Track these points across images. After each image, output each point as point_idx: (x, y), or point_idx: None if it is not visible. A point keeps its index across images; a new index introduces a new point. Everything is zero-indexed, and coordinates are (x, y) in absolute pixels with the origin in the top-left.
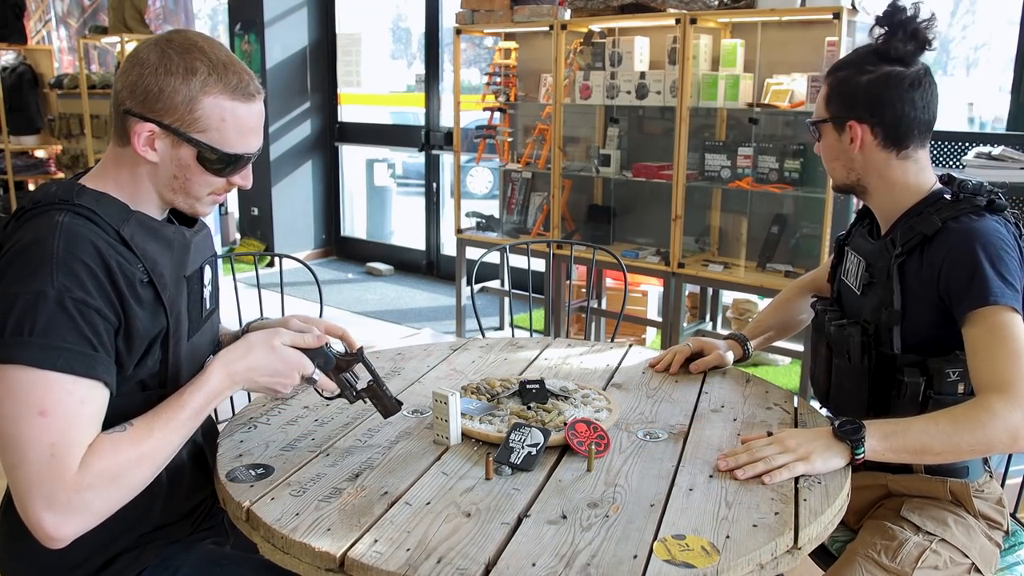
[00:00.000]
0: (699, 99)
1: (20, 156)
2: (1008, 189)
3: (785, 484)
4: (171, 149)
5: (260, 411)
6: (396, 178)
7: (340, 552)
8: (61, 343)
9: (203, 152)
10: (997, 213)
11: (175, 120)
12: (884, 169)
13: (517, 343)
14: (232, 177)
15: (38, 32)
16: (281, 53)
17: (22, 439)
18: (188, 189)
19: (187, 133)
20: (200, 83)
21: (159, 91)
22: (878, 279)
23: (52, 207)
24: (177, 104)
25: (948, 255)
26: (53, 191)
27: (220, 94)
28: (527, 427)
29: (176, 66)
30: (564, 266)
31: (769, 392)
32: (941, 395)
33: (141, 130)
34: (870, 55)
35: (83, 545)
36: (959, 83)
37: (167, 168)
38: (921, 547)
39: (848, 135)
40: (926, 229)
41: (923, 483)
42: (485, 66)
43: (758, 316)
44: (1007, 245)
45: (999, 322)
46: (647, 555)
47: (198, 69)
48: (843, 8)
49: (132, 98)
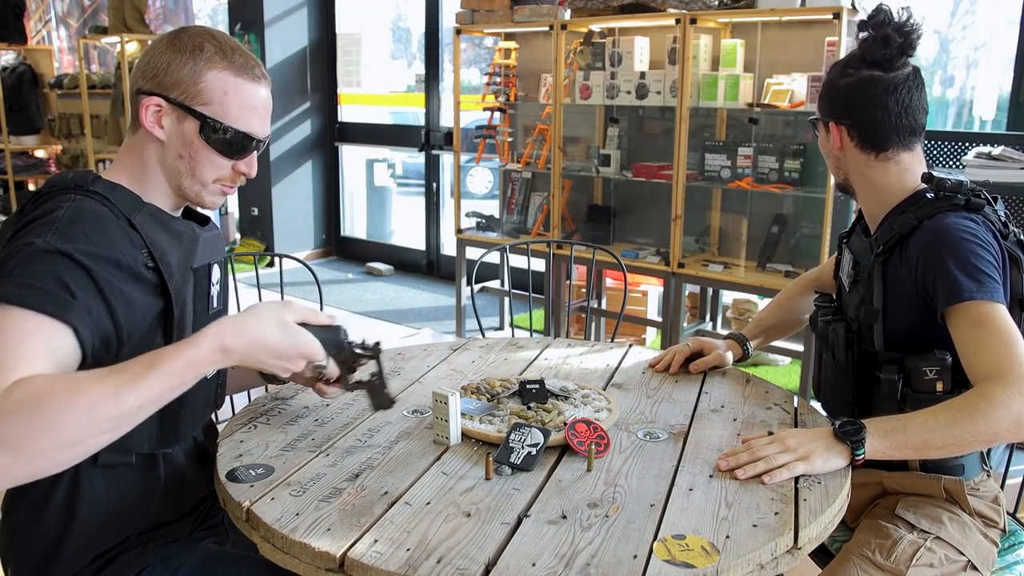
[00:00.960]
0: (699, 99)
1: (20, 156)
2: (1000, 188)
3: (785, 484)
4: (176, 124)
5: (260, 411)
6: (396, 178)
7: (340, 552)
8: (35, 283)
9: (205, 125)
10: (975, 211)
11: (180, 93)
12: (865, 170)
13: (517, 343)
14: (237, 162)
15: (38, 32)
16: (281, 53)
17: None
18: (194, 170)
19: (190, 105)
20: (206, 59)
21: (166, 66)
22: (862, 277)
23: (67, 191)
24: (183, 77)
25: (921, 253)
26: (69, 177)
27: (224, 69)
28: (527, 427)
29: (185, 45)
30: (564, 266)
31: (769, 392)
32: (919, 393)
33: (148, 103)
34: (855, 58)
35: (82, 543)
36: (959, 83)
37: (173, 146)
38: (915, 545)
39: (830, 134)
40: (903, 228)
41: (918, 480)
42: (485, 66)
43: (759, 314)
44: (979, 240)
45: (979, 314)
46: (647, 555)
47: (205, 47)
48: (843, 8)
49: (143, 78)
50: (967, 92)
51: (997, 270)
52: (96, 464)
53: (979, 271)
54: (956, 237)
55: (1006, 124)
